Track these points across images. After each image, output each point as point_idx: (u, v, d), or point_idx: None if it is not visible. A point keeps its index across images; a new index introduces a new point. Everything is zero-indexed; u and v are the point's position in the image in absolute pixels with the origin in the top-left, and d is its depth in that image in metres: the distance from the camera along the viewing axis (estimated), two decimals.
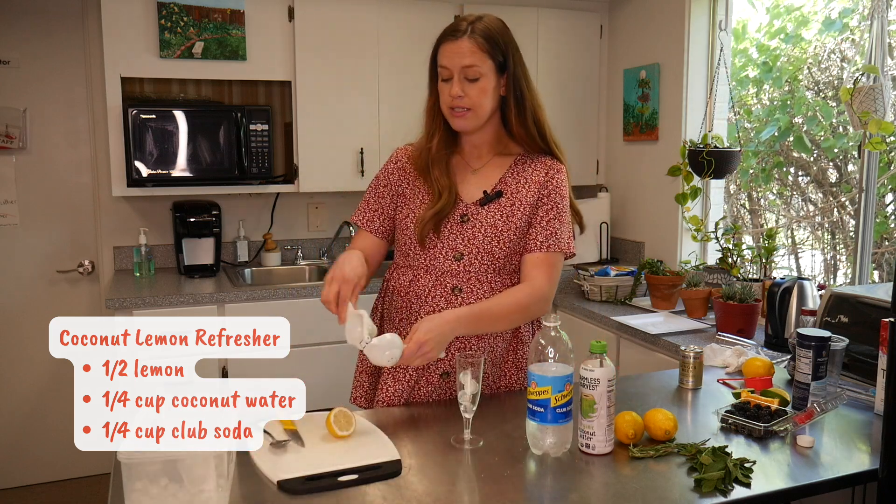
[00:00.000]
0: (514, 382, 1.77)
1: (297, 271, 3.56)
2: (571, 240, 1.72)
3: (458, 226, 1.68)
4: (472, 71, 1.61)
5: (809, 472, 1.34)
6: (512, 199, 1.68)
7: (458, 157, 1.75)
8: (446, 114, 1.67)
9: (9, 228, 3.31)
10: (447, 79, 1.63)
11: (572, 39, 3.66)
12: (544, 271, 1.67)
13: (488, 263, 1.68)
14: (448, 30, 1.65)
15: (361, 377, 1.80)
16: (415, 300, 1.70)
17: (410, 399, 1.71)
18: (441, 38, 1.66)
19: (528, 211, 1.68)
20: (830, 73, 3.41)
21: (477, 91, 1.62)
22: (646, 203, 3.51)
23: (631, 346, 2.64)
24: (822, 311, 2.05)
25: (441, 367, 1.69)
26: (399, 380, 1.69)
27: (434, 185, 1.68)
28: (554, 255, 1.69)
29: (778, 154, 3.49)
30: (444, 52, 1.63)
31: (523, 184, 1.70)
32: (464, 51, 1.60)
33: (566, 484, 1.29)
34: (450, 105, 1.64)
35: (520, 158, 1.73)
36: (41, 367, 3.39)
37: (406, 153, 1.78)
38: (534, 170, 1.71)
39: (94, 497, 3.33)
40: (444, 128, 1.70)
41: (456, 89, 1.61)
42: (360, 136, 3.37)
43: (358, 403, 1.79)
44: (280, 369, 3.40)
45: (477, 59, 1.60)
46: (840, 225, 3.45)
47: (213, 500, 1.15)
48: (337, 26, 3.27)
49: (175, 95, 3.35)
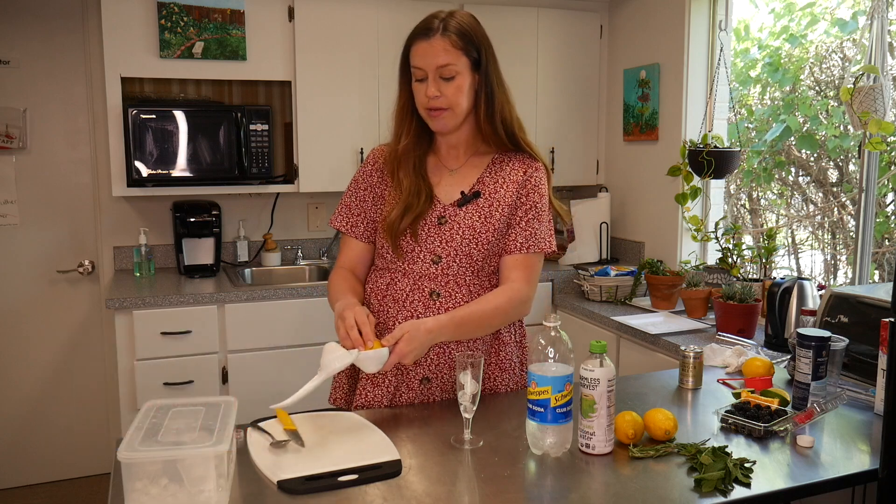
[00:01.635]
0: (499, 384, 1.74)
1: (297, 271, 3.56)
2: (552, 238, 1.70)
3: (436, 228, 1.65)
4: (447, 70, 1.57)
5: (809, 472, 1.34)
6: (490, 200, 1.65)
7: (435, 158, 1.71)
8: (423, 115, 1.63)
9: (9, 228, 3.31)
10: (421, 79, 1.59)
11: (572, 39, 3.66)
12: (523, 273, 1.65)
13: (466, 266, 1.65)
14: (419, 28, 1.60)
15: (340, 378, 1.77)
16: (392, 304, 1.67)
17: (391, 405, 1.68)
18: (412, 37, 1.60)
19: (506, 211, 1.65)
20: (832, 72, 3.41)
21: (453, 90, 1.58)
22: (646, 203, 3.51)
23: (631, 346, 2.64)
24: (822, 311, 2.05)
25: (421, 372, 1.67)
26: (378, 384, 1.67)
27: (399, 186, 1.65)
28: (533, 255, 1.67)
29: (779, 154, 3.49)
30: (417, 52, 1.58)
31: (501, 184, 1.67)
32: (438, 50, 1.56)
33: (566, 484, 1.29)
34: (426, 106, 1.60)
35: (497, 157, 1.70)
36: (41, 367, 3.39)
37: (383, 153, 1.74)
38: (512, 169, 1.68)
39: (94, 497, 3.33)
40: (415, 128, 1.67)
41: (432, 89, 1.57)
42: (360, 136, 3.37)
43: (337, 404, 1.77)
44: (280, 369, 3.41)
45: (452, 58, 1.56)
46: (840, 225, 3.45)
47: (213, 500, 1.15)
48: (337, 26, 3.27)
49: (175, 95, 3.35)
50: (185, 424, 1.24)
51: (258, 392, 2.90)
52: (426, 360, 1.66)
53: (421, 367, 1.66)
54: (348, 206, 1.75)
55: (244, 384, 2.93)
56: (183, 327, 2.86)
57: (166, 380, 2.86)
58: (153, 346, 2.84)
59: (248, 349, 2.97)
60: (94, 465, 3.49)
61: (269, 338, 2.99)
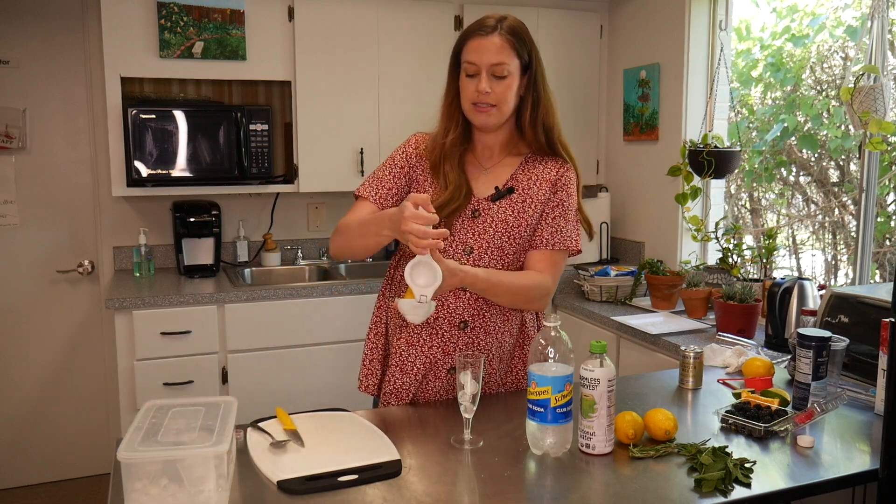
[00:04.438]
0: (521, 378, 1.78)
1: (297, 271, 3.56)
2: (578, 238, 1.73)
3: (470, 221, 1.68)
4: (499, 68, 1.60)
5: (809, 473, 1.34)
6: (523, 196, 1.69)
7: (471, 156, 1.74)
8: (467, 109, 1.66)
9: (9, 228, 3.31)
10: (472, 74, 1.62)
11: (572, 39, 3.66)
12: (548, 268, 1.69)
13: (497, 258, 1.68)
14: (476, 26, 1.64)
15: (373, 365, 1.78)
16: None
17: (418, 394, 1.71)
18: (468, 34, 1.64)
19: (538, 208, 1.69)
20: (833, 72, 3.40)
21: (503, 88, 1.62)
22: (646, 203, 3.51)
23: (631, 346, 2.64)
24: (822, 311, 2.05)
25: (449, 362, 1.69)
26: (407, 373, 1.69)
27: (443, 180, 1.67)
28: (559, 252, 1.70)
29: (780, 153, 3.49)
30: (472, 48, 1.62)
31: (535, 181, 1.70)
32: (494, 48, 1.60)
33: (566, 484, 1.29)
34: (474, 101, 1.63)
35: (530, 157, 1.73)
36: (41, 367, 3.39)
37: (424, 141, 1.76)
38: (545, 167, 1.72)
39: (94, 497, 3.33)
40: (461, 124, 1.70)
41: (484, 84, 1.60)
42: (359, 136, 3.37)
43: (369, 391, 1.78)
44: (280, 369, 3.42)
45: (505, 57, 1.60)
46: (841, 225, 3.45)
47: (213, 500, 1.15)
48: (337, 26, 3.27)
49: (175, 95, 3.35)
50: (185, 424, 1.24)
51: (258, 392, 2.90)
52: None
53: (450, 357, 1.68)
54: (380, 179, 1.73)
55: (244, 384, 2.93)
56: (183, 327, 2.86)
57: (166, 380, 2.86)
58: (153, 346, 2.84)
59: (248, 349, 2.96)
60: (94, 465, 3.48)
61: (269, 338, 2.99)
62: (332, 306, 3.04)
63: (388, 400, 1.71)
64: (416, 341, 1.68)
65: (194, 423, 1.24)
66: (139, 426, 1.24)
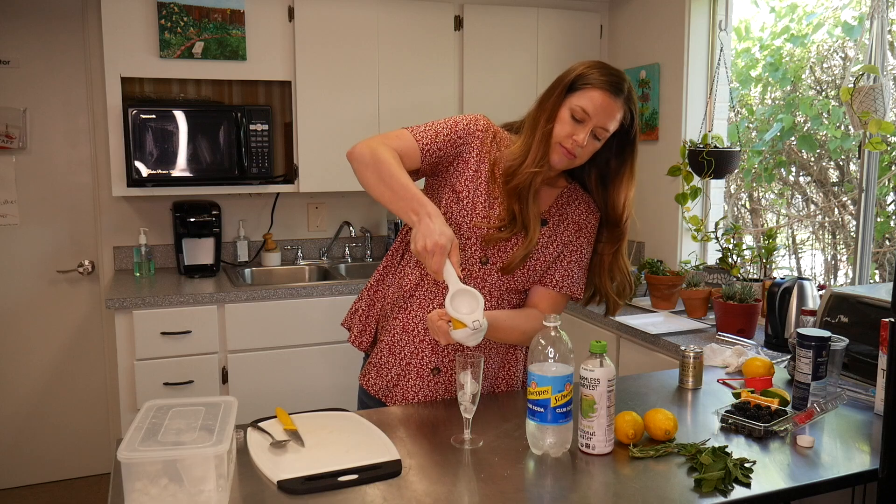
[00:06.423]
0: (512, 377, 1.77)
1: (297, 271, 3.56)
2: (584, 285, 1.72)
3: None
4: (603, 133, 1.57)
5: (809, 472, 1.34)
6: (551, 231, 1.67)
7: None
8: (553, 146, 1.58)
9: (9, 228, 3.31)
10: (580, 121, 1.55)
11: (572, 39, 3.66)
12: (550, 309, 1.68)
13: (507, 280, 1.66)
14: (610, 80, 1.55)
15: (368, 321, 1.79)
16: (427, 287, 1.66)
17: (393, 390, 1.70)
18: (598, 82, 1.55)
19: (559, 248, 1.68)
20: (832, 72, 3.41)
21: (592, 148, 1.59)
22: (646, 203, 3.51)
23: (631, 346, 2.64)
24: (822, 311, 2.05)
25: (433, 362, 1.67)
26: (381, 375, 1.71)
27: (509, 209, 1.61)
28: (564, 296, 1.70)
29: (780, 153, 3.49)
30: (597, 102, 1.54)
31: (564, 220, 1.69)
32: (615, 114, 1.55)
33: (566, 484, 1.29)
34: (563, 143, 1.56)
35: (566, 191, 1.71)
36: (41, 367, 3.39)
37: (490, 129, 1.68)
38: (576, 209, 1.70)
39: (94, 497, 3.33)
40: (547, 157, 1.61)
41: (582, 138, 1.55)
42: (360, 136, 3.29)
43: (362, 348, 1.79)
44: (280, 369, 3.42)
45: (615, 126, 1.57)
46: (841, 225, 3.45)
47: (213, 500, 1.15)
48: (337, 26, 3.28)
49: (175, 95, 3.35)
50: (185, 424, 1.24)
51: (258, 392, 2.91)
52: (441, 350, 1.66)
53: (432, 355, 1.67)
54: (437, 132, 1.64)
55: (244, 384, 2.93)
56: (183, 327, 2.86)
57: (166, 380, 2.86)
58: (153, 346, 2.84)
59: (248, 349, 2.97)
60: (94, 465, 3.49)
61: (269, 338, 2.99)
62: (332, 306, 3.05)
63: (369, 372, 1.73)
64: (410, 328, 1.67)
65: (194, 423, 1.24)
66: (139, 426, 1.24)
